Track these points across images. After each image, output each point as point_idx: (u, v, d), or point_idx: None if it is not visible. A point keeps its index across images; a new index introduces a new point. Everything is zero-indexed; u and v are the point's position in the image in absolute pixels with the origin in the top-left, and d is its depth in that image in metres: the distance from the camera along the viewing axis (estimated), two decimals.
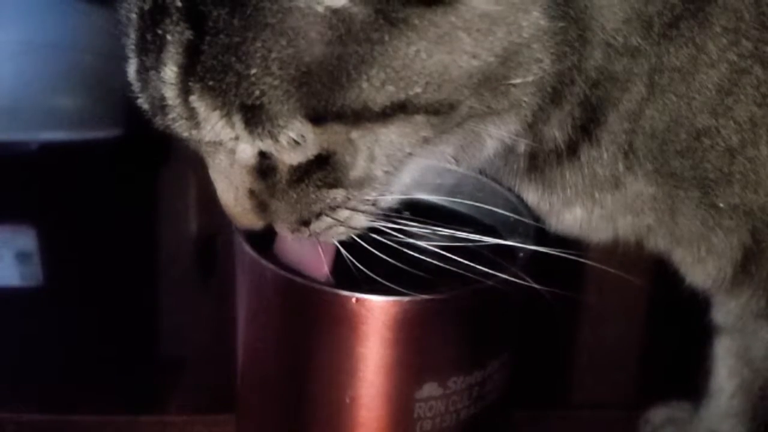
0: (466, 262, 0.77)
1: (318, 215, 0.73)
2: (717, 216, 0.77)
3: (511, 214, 0.86)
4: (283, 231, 0.75)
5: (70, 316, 1.39)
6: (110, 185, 1.40)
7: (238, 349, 0.86)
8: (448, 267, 0.77)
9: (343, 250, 0.76)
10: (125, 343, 1.43)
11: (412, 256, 0.76)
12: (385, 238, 0.76)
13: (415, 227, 0.76)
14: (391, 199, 0.76)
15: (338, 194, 0.72)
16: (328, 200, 0.72)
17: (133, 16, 0.69)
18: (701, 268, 0.81)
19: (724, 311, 0.88)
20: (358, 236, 0.76)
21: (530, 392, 0.89)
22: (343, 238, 0.76)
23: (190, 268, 1.61)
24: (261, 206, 0.74)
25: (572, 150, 0.77)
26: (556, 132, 0.76)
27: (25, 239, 1.44)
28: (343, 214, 0.74)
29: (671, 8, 0.72)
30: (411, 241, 0.76)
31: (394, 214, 0.76)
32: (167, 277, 1.55)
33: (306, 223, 0.74)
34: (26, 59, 1.34)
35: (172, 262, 1.57)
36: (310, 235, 0.75)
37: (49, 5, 1.41)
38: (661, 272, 0.86)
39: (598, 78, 0.73)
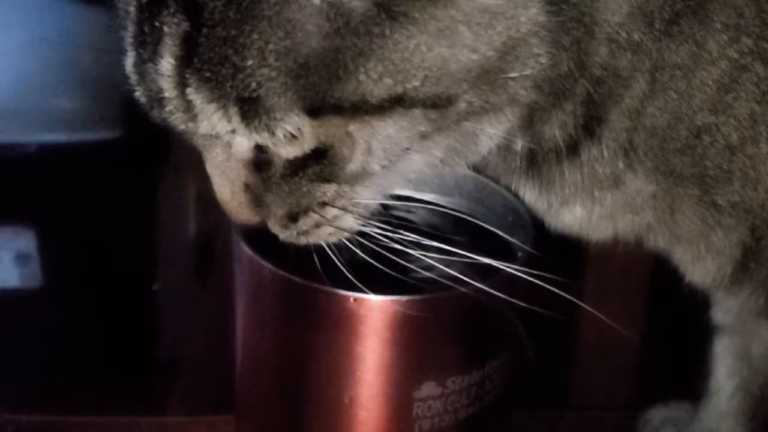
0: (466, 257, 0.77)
1: (306, 210, 0.73)
2: (717, 214, 0.77)
3: (510, 215, 0.86)
4: (275, 229, 0.75)
5: (69, 317, 1.38)
6: (109, 186, 1.40)
7: (236, 350, 0.86)
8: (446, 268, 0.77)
9: (334, 256, 0.75)
10: (124, 344, 1.43)
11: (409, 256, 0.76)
12: (375, 243, 0.75)
13: (405, 235, 0.76)
14: (379, 203, 0.75)
15: (330, 189, 0.72)
16: (318, 194, 0.72)
17: (132, 8, 0.69)
18: (701, 266, 0.81)
19: (724, 310, 0.88)
20: (350, 240, 0.75)
21: (529, 392, 0.89)
22: (333, 240, 0.75)
23: (189, 269, 1.61)
24: (256, 201, 0.73)
25: (572, 149, 0.76)
26: (556, 131, 0.76)
27: (25, 241, 1.44)
28: (331, 212, 0.73)
29: (672, 4, 0.72)
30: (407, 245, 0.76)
31: (383, 224, 0.75)
32: (166, 278, 1.55)
33: (294, 219, 0.74)
34: (25, 61, 1.34)
35: (171, 263, 1.56)
36: (298, 234, 0.74)
37: (48, 6, 1.40)
38: (660, 271, 0.86)
39: (602, 75, 0.73)
